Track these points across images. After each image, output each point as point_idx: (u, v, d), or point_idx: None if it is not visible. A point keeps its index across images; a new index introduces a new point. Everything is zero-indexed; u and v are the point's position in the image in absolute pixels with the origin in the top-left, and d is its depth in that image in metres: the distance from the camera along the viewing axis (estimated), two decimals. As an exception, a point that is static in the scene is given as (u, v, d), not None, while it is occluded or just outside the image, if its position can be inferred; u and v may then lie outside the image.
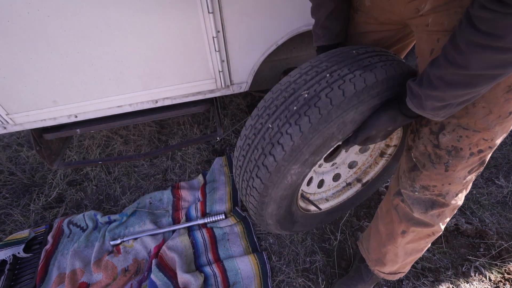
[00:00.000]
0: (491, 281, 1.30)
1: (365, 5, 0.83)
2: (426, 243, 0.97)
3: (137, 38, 1.11)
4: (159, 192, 1.77)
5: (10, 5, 0.94)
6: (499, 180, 1.67)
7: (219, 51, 1.20)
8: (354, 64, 0.75)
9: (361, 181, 1.27)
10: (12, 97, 1.18)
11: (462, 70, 0.52)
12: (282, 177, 0.82)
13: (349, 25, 0.91)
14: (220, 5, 1.08)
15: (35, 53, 1.07)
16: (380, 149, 1.15)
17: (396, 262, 1.07)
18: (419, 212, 0.85)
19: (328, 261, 1.42)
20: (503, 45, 0.45)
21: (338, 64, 0.77)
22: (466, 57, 0.50)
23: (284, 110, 0.78)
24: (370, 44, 0.90)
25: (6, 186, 1.97)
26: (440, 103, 0.59)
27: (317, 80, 0.76)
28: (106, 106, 1.30)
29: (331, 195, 1.28)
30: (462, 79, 0.53)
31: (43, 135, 1.42)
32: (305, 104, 0.74)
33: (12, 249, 1.49)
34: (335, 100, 0.72)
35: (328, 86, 0.74)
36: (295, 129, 0.74)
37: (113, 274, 1.40)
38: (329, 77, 0.75)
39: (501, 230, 1.46)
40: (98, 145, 2.17)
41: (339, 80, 0.73)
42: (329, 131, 0.74)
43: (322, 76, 0.76)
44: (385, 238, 1.03)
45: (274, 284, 1.34)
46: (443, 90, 0.56)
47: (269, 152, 0.79)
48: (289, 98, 0.78)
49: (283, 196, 0.90)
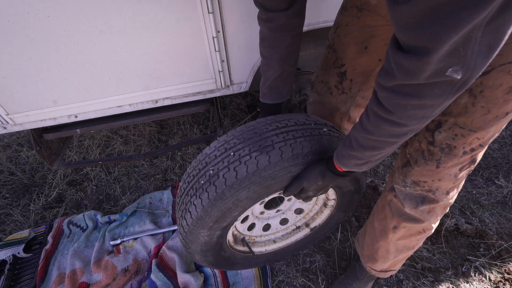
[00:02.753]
0: (491, 281, 1.30)
1: (371, 4, 0.80)
2: (417, 241, 0.99)
3: (137, 38, 1.11)
4: (159, 192, 1.77)
5: (10, 5, 0.94)
6: (499, 180, 1.67)
7: (219, 51, 1.20)
8: (256, 144, 0.82)
9: (309, 226, 1.29)
10: (12, 97, 1.18)
11: (369, 135, 0.60)
12: (195, 237, 0.92)
13: (353, 26, 0.87)
14: (220, 5, 1.08)
15: (35, 53, 1.07)
16: (323, 199, 1.19)
17: (387, 259, 1.08)
18: (410, 207, 0.87)
19: (328, 261, 1.42)
20: (394, 119, 0.53)
21: (243, 143, 0.84)
22: (371, 124, 0.58)
23: (195, 183, 0.87)
24: (379, 45, 0.87)
25: (6, 186, 1.97)
26: (360, 161, 0.68)
27: (222, 158, 0.84)
28: (106, 106, 1.30)
29: (279, 237, 1.31)
30: (371, 143, 0.62)
31: (43, 135, 1.42)
32: (208, 180, 0.83)
33: (12, 249, 1.49)
34: (229, 180, 0.79)
35: (227, 166, 0.81)
36: (198, 202, 0.84)
37: (113, 274, 1.40)
38: (232, 156, 0.83)
39: (501, 230, 1.46)
40: (98, 145, 2.17)
41: (237, 161, 0.81)
42: (225, 206, 0.82)
43: (227, 154, 0.84)
44: (378, 234, 1.04)
45: (274, 284, 1.34)
46: (359, 150, 0.65)
47: (183, 216, 0.90)
48: (201, 171, 0.87)
49: (204, 250, 0.99)
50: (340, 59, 0.95)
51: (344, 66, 0.95)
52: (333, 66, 0.98)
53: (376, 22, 0.83)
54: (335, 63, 0.97)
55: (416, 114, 0.51)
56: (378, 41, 0.86)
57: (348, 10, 0.87)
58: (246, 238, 1.21)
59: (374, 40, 0.86)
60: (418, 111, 0.50)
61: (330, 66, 0.99)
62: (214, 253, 1.04)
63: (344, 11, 0.89)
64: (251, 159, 0.79)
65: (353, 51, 0.91)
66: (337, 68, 0.98)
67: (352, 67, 0.95)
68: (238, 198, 0.81)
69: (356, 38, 0.88)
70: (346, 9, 0.88)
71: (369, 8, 0.81)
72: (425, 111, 0.50)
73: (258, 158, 0.79)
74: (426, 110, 0.50)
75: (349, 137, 0.67)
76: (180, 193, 0.95)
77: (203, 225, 0.87)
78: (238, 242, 1.20)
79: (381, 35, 0.85)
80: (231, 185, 0.79)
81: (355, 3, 0.84)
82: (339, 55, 0.95)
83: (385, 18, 0.80)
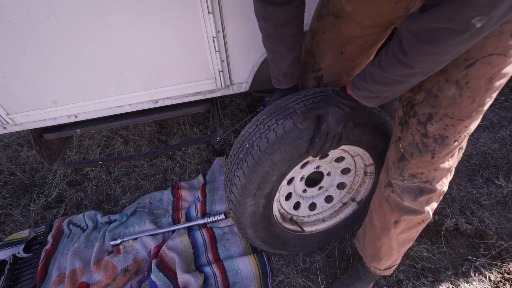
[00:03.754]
0: (491, 281, 1.30)
1: (346, 11, 0.84)
2: (417, 232, 1.02)
3: (137, 38, 1.11)
4: (159, 192, 1.77)
5: (10, 5, 0.94)
6: (499, 180, 1.67)
7: (219, 51, 1.19)
8: (281, 114, 0.94)
9: (356, 200, 1.32)
10: (12, 97, 1.18)
11: (382, 71, 0.66)
12: (243, 208, 1.04)
13: (330, 33, 0.93)
14: (220, 5, 1.08)
15: (35, 53, 1.07)
16: (362, 168, 1.22)
17: (391, 255, 1.10)
18: (409, 200, 0.90)
19: (328, 261, 1.42)
20: (406, 61, 0.60)
21: (270, 116, 0.96)
22: (387, 62, 0.64)
23: (236, 158, 1.01)
24: (354, 50, 0.95)
25: (6, 186, 1.97)
26: (370, 94, 0.74)
27: (254, 132, 0.97)
28: (106, 106, 1.30)
29: (328, 216, 1.35)
30: (382, 79, 0.68)
31: (43, 135, 1.42)
32: (246, 152, 0.96)
33: (12, 249, 1.49)
34: (262, 147, 0.92)
35: (259, 136, 0.94)
36: (240, 173, 0.97)
37: (113, 274, 1.40)
38: (262, 128, 0.95)
39: (501, 230, 1.46)
40: (98, 145, 2.17)
41: (266, 130, 0.93)
42: (263, 170, 0.94)
43: (258, 129, 0.96)
44: (380, 231, 1.06)
45: (274, 284, 1.34)
46: (371, 84, 0.71)
47: (231, 191, 1.03)
48: (240, 147, 1.01)
49: (253, 223, 1.09)
50: (318, 63, 1.01)
51: (321, 71, 1.02)
52: (311, 70, 1.04)
53: (351, 30, 0.88)
54: (313, 67, 1.03)
55: (427, 59, 0.58)
56: (354, 47, 0.93)
57: (324, 17, 0.93)
58: (294, 218, 1.27)
59: (350, 46, 0.93)
60: (430, 57, 0.57)
61: (308, 70, 1.05)
62: (263, 227, 1.12)
63: (321, 18, 0.94)
64: (278, 126, 0.91)
65: (330, 56, 0.97)
66: (314, 73, 1.04)
67: (328, 72, 1.02)
68: (273, 160, 0.92)
69: (333, 44, 0.95)
70: (322, 16, 0.93)
71: (345, 15, 0.86)
72: (436, 57, 0.57)
73: (283, 123, 0.90)
74: (437, 56, 0.57)
75: (365, 70, 0.72)
76: (226, 174, 1.08)
77: (248, 194, 0.98)
78: (286, 220, 1.26)
79: (356, 41, 0.91)
80: (264, 150, 0.91)
81: (331, 11, 0.89)
82: (317, 60, 1.01)
83: (360, 25, 0.86)
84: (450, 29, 0.51)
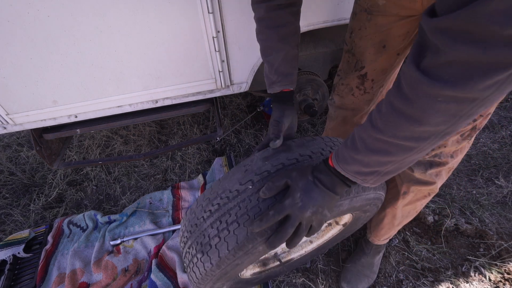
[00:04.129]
0: (491, 281, 1.30)
1: (379, 5, 0.81)
2: (421, 205, 1.04)
3: (137, 38, 1.11)
4: (159, 192, 1.77)
5: (10, 5, 0.94)
6: (499, 180, 1.67)
7: (219, 51, 1.20)
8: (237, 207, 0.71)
9: (339, 223, 1.21)
10: (12, 97, 1.18)
11: (379, 133, 0.48)
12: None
13: (365, 29, 0.89)
14: (220, 5, 1.08)
15: (35, 53, 1.07)
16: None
17: (393, 225, 1.13)
18: (419, 172, 0.90)
19: (328, 261, 1.42)
20: (413, 113, 0.41)
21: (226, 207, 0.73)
22: (383, 118, 0.47)
23: (193, 240, 0.78)
24: (396, 41, 0.86)
25: (6, 186, 1.97)
26: (365, 168, 0.55)
27: (211, 224, 0.75)
28: (106, 106, 1.30)
29: (314, 237, 1.24)
30: (379, 145, 0.50)
31: (43, 135, 1.42)
32: (206, 244, 0.74)
33: (12, 249, 1.49)
34: (222, 252, 0.71)
35: (218, 235, 0.72)
36: (200, 265, 0.75)
37: (113, 274, 1.40)
38: (219, 224, 0.73)
39: (501, 230, 1.46)
40: (98, 145, 2.17)
41: (225, 230, 0.71)
42: (227, 268, 0.75)
43: (215, 222, 0.73)
44: (386, 202, 1.08)
45: (274, 285, 1.34)
46: (365, 153, 0.52)
47: (190, 269, 0.80)
48: (195, 229, 0.78)
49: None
50: (360, 61, 0.97)
51: (364, 68, 0.97)
52: (354, 69, 1.01)
53: (388, 20, 0.83)
54: (355, 66, 0.99)
55: (448, 108, 0.38)
56: (395, 37, 0.87)
57: (358, 14, 0.89)
58: (278, 253, 1.12)
59: (391, 37, 0.87)
60: (452, 104, 0.37)
61: (351, 69, 1.02)
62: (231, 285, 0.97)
63: (355, 15, 0.91)
64: (230, 235, 0.70)
65: (371, 52, 0.92)
66: (357, 71, 1.00)
67: (373, 68, 0.96)
68: (240, 261, 0.73)
69: (372, 40, 0.90)
70: (356, 13, 0.90)
71: (378, 9, 0.83)
72: (462, 106, 0.37)
73: (236, 231, 0.70)
74: (465, 104, 0.37)
75: (353, 136, 0.55)
76: (182, 246, 0.86)
77: (210, 280, 0.80)
78: (270, 261, 1.13)
79: (397, 31, 0.85)
80: (225, 256, 0.71)
81: (363, 6, 0.86)
82: (358, 58, 0.97)
83: (397, 15, 0.81)
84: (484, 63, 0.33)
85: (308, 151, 0.78)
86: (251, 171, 0.74)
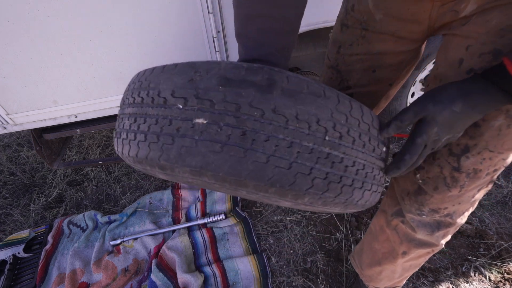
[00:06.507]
0: (491, 281, 1.30)
1: (376, 20, 0.70)
2: (424, 259, 0.94)
3: (137, 38, 1.11)
4: (159, 192, 1.77)
5: (10, 5, 0.94)
6: (499, 180, 1.67)
7: (219, 51, 1.20)
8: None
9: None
10: (12, 97, 1.18)
11: None
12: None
13: (357, 46, 0.77)
14: (220, 5, 1.08)
15: (35, 53, 1.07)
16: None
17: (392, 278, 1.04)
18: (424, 234, 0.80)
19: (328, 261, 1.42)
20: None
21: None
22: None
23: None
24: (387, 71, 0.76)
25: (6, 186, 1.97)
26: None
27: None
28: (106, 106, 1.30)
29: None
30: None
31: (43, 135, 1.42)
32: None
33: (12, 249, 1.49)
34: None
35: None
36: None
37: (113, 274, 1.40)
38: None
39: (501, 230, 1.46)
40: (98, 145, 2.17)
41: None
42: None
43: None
44: (382, 256, 0.97)
45: (274, 285, 1.34)
46: None
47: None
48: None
49: None
50: (346, 80, 0.84)
51: (350, 89, 0.85)
52: (338, 88, 0.88)
53: (383, 44, 0.73)
54: (340, 84, 0.87)
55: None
56: (387, 68, 0.77)
57: (350, 28, 0.76)
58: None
59: (383, 67, 0.78)
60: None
61: (335, 87, 0.89)
62: None
63: (346, 28, 0.78)
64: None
65: (360, 73, 0.81)
66: (342, 91, 0.86)
67: (360, 91, 0.84)
68: None
69: (362, 61, 0.78)
70: (348, 26, 0.77)
71: (374, 26, 0.71)
72: None
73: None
74: None
75: None
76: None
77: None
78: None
79: (389, 60, 0.75)
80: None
81: (358, 19, 0.74)
82: (344, 77, 0.84)
83: (394, 37, 0.70)
84: None
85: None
86: (194, 87, 0.50)
